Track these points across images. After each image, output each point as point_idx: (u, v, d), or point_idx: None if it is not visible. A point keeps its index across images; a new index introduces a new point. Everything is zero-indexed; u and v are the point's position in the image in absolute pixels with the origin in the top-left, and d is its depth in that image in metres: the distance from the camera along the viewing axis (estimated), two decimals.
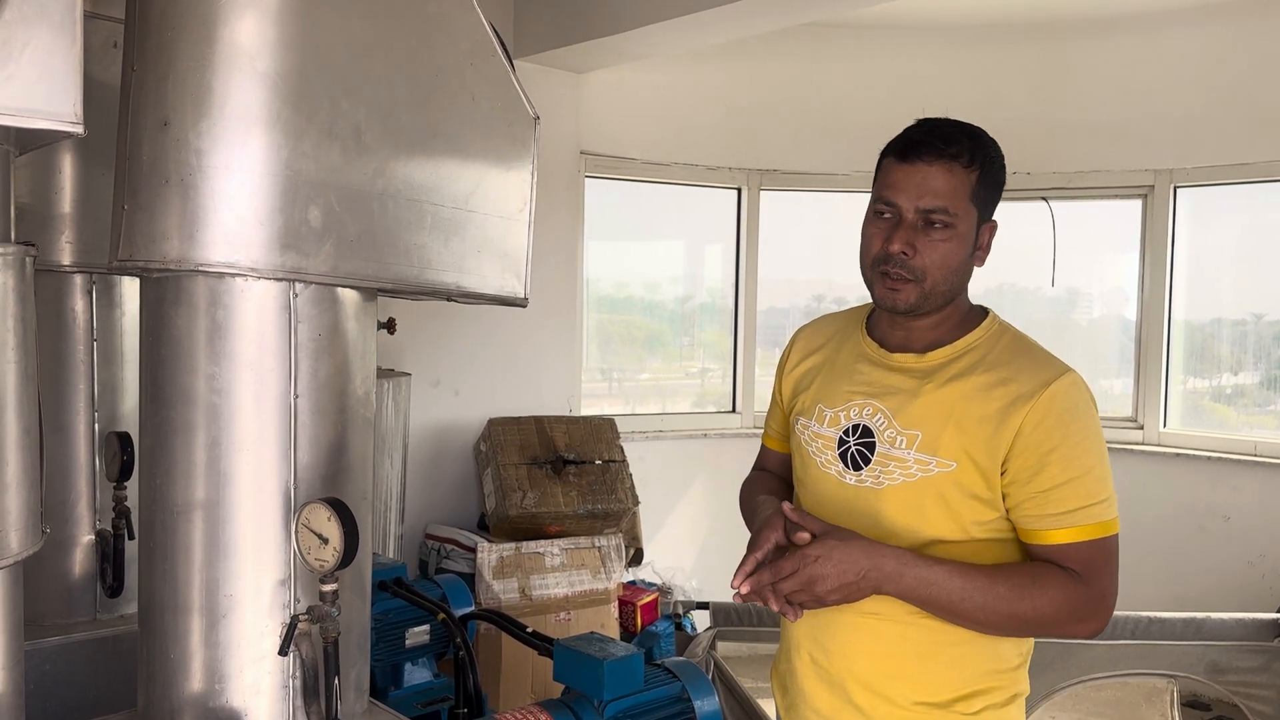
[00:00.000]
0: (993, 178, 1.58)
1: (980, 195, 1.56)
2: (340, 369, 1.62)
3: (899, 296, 1.55)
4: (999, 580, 1.48)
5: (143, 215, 1.49)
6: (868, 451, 1.59)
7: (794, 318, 5.42)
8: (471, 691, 2.10)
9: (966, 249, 1.57)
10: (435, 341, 4.16)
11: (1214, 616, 3.40)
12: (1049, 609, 1.48)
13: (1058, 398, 1.50)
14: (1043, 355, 1.59)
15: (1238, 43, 4.60)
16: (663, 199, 5.09)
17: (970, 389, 1.54)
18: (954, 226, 1.53)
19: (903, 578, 1.46)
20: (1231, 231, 4.97)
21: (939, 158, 1.52)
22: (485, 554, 3.70)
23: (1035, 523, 1.51)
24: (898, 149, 1.57)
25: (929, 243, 1.53)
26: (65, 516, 2.22)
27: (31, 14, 1.18)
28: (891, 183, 1.55)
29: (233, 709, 1.55)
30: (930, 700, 1.57)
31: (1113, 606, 1.52)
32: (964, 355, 1.59)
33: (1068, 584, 1.49)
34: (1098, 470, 1.51)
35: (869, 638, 1.59)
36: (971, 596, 1.46)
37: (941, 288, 1.56)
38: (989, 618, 1.49)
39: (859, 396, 1.64)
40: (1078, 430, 1.50)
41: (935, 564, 1.48)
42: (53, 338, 2.19)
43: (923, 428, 1.55)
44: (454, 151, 1.69)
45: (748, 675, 3.43)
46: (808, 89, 5.00)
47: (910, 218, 1.53)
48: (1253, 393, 4.98)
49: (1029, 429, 1.49)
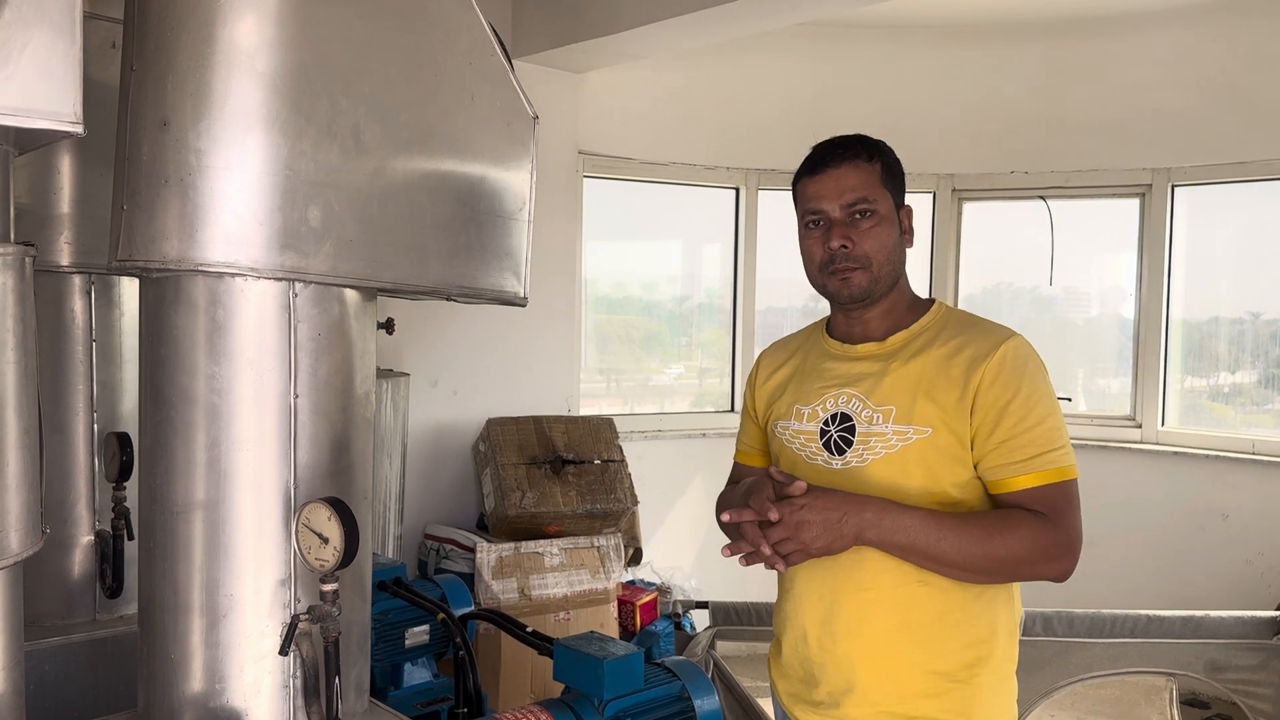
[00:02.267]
0: (891, 167, 1.74)
1: (888, 182, 1.72)
2: (340, 368, 1.62)
3: (853, 283, 1.70)
4: (972, 523, 1.58)
5: (142, 215, 1.49)
6: (849, 435, 1.70)
7: (792, 317, 5.42)
8: (471, 691, 2.10)
9: (894, 231, 1.72)
10: (434, 342, 4.16)
11: (1212, 614, 3.40)
12: (1021, 547, 1.57)
13: (1009, 355, 1.63)
14: (990, 324, 1.73)
15: (1235, 42, 4.60)
16: (661, 199, 5.09)
17: (932, 360, 1.68)
18: (877, 211, 1.69)
19: (881, 523, 1.57)
20: (1229, 230, 4.97)
21: (843, 160, 1.71)
22: (484, 554, 3.70)
23: (999, 472, 1.62)
24: (806, 168, 1.75)
25: (861, 232, 1.69)
26: (64, 517, 2.22)
27: (31, 15, 1.18)
28: (811, 195, 1.73)
29: (233, 709, 1.55)
30: (934, 669, 1.64)
31: (1079, 547, 1.61)
32: (920, 335, 1.73)
33: (1035, 524, 1.58)
34: (1051, 420, 1.62)
35: (871, 615, 1.66)
36: (946, 537, 1.56)
37: (886, 269, 1.71)
38: (965, 559, 1.57)
39: (832, 389, 1.75)
40: (1029, 383, 1.62)
41: (911, 510, 1.58)
42: (52, 338, 2.19)
43: (895, 401, 1.67)
44: (453, 151, 1.69)
45: (747, 674, 3.44)
46: (805, 88, 5.00)
47: (838, 216, 1.70)
48: (1250, 391, 4.98)
49: (986, 385, 1.62)
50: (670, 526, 4.90)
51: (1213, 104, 4.66)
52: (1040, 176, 5.03)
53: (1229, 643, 3.38)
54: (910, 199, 1.78)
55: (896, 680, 1.65)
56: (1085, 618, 3.37)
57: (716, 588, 4.28)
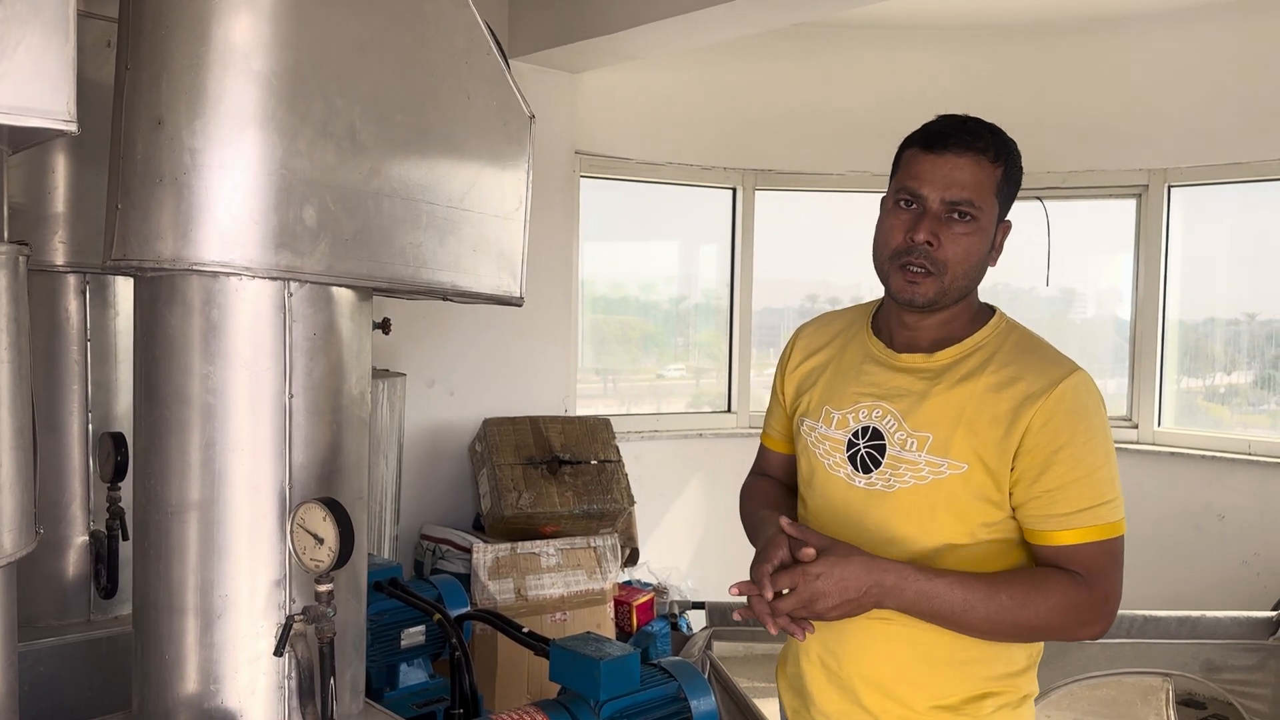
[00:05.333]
0: (1014, 175, 1.56)
1: (1003, 191, 1.54)
2: (335, 368, 1.61)
3: (918, 290, 1.52)
4: (1001, 589, 1.46)
5: (136, 214, 1.49)
6: (878, 454, 1.57)
7: (789, 318, 5.42)
8: (467, 692, 2.10)
9: (986, 244, 1.55)
10: (430, 342, 4.15)
11: (1209, 615, 3.41)
12: (1053, 615, 1.46)
13: (1066, 396, 1.48)
14: (1051, 354, 1.56)
15: (1232, 42, 4.61)
16: (657, 199, 5.09)
17: (980, 389, 1.52)
18: (978, 220, 1.51)
19: (904, 592, 1.44)
20: (1225, 231, 4.97)
21: (967, 150, 1.50)
22: (481, 554, 3.69)
23: (1041, 523, 1.49)
24: (923, 140, 1.53)
25: (952, 235, 1.50)
26: (59, 517, 2.21)
27: (25, 12, 1.18)
28: (916, 173, 1.52)
29: (228, 710, 1.54)
30: (942, 703, 1.56)
31: (1116, 608, 1.50)
32: (973, 354, 1.57)
33: (1071, 588, 1.47)
34: (1104, 470, 1.49)
35: (880, 642, 1.57)
36: (975, 608, 1.44)
37: (960, 283, 1.53)
38: (994, 627, 1.47)
39: (867, 398, 1.61)
40: (1085, 429, 1.48)
41: (936, 576, 1.45)
42: (46, 338, 2.18)
43: (934, 430, 1.53)
44: (449, 150, 1.69)
45: (744, 675, 3.43)
46: (802, 89, 5.00)
47: (935, 208, 1.50)
48: (1246, 392, 4.99)
49: (1037, 427, 1.47)
50: (667, 527, 4.90)
51: (1209, 105, 4.67)
52: (1036, 177, 5.01)
53: (1225, 643, 3.39)
54: None
55: (899, 709, 1.57)
56: None
57: (713, 588, 4.28)
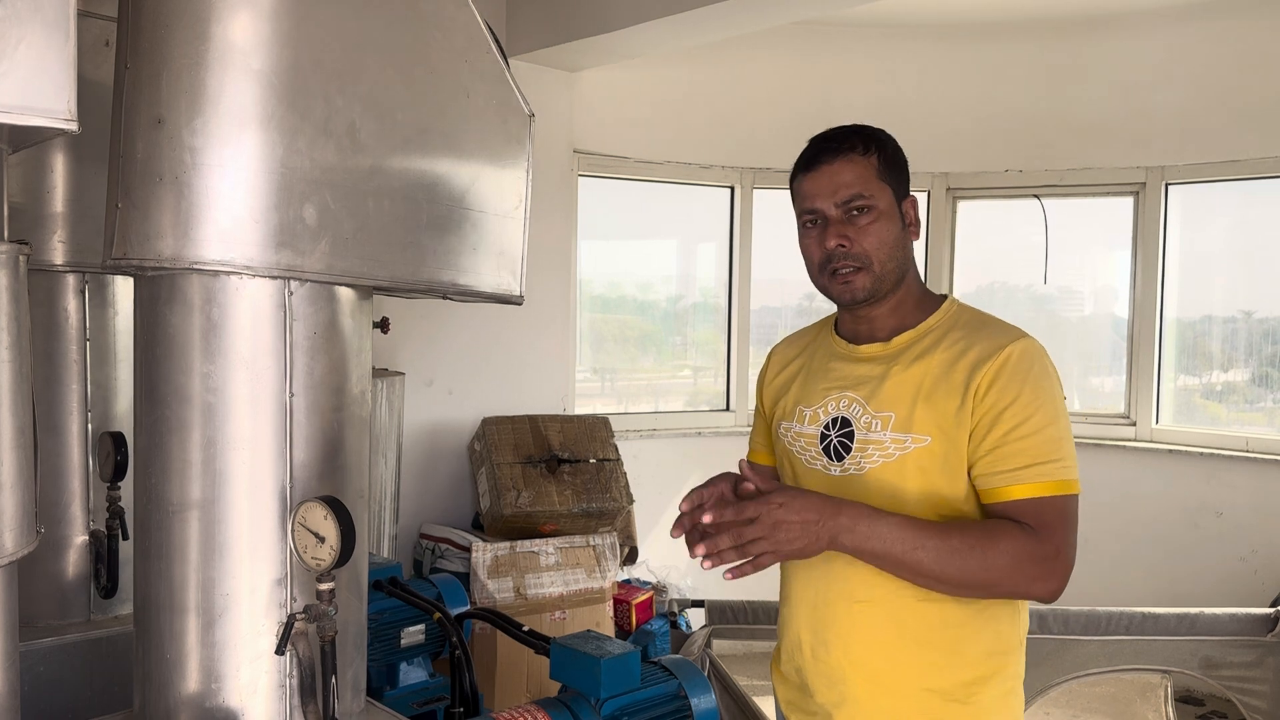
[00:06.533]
0: (891, 157, 1.67)
1: (888, 174, 1.65)
2: (336, 367, 1.61)
3: (855, 286, 1.63)
4: (953, 534, 1.50)
5: (136, 213, 1.48)
6: (848, 441, 1.65)
7: (787, 317, 5.43)
8: (467, 690, 2.10)
9: (895, 225, 1.65)
10: (429, 341, 4.15)
11: (1207, 612, 3.41)
12: (1002, 561, 1.48)
13: (1012, 358, 1.55)
14: (1001, 326, 1.65)
15: (1228, 40, 4.61)
16: (655, 198, 5.09)
17: (935, 365, 1.61)
18: (875, 207, 1.63)
19: (855, 528, 1.48)
20: (1222, 229, 4.99)
21: (836, 155, 1.64)
22: (480, 553, 3.69)
23: (990, 480, 1.54)
24: (800, 165, 1.69)
25: (859, 230, 1.62)
26: (59, 517, 2.21)
27: (25, 12, 1.18)
28: (805, 193, 1.67)
29: (229, 709, 1.54)
30: (931, 686, 1.59)
31: (1068, 567, 1.51)
32: (926, 335, 1.66)
33: (1020, 538, 1.49)
34: (1052, 429, 1.53)
35: (863, 626, 1.61)
36: (923, 546, 1.48)
37: (889, 265, 1.64)
38: (943, 572, 1.49)
39: (834, 391, 1.70)
40: (1031, 389, 1.54)
41: (888, 517, 1.50)
42: (46, 337, 2.18)
43: (895, 408, 1.61)
44: (449, 149, 1.69)
45: (743, 673, 3.44)
46: (800, 87, 5.00)
47: (834, 214, 1.63)
48: (1244, 389, 5.00)
49: (985, 388, 1.55)
50: (666, 525, 4.87)
51: (1206, 103, 4.68)
52: (1034, 175, 5.04)
53: (1223, 640, 3.39)
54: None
55: (890, 696, 1.60)
56: (1080, 615, 3.37)
57: (712, 586, 4.28)
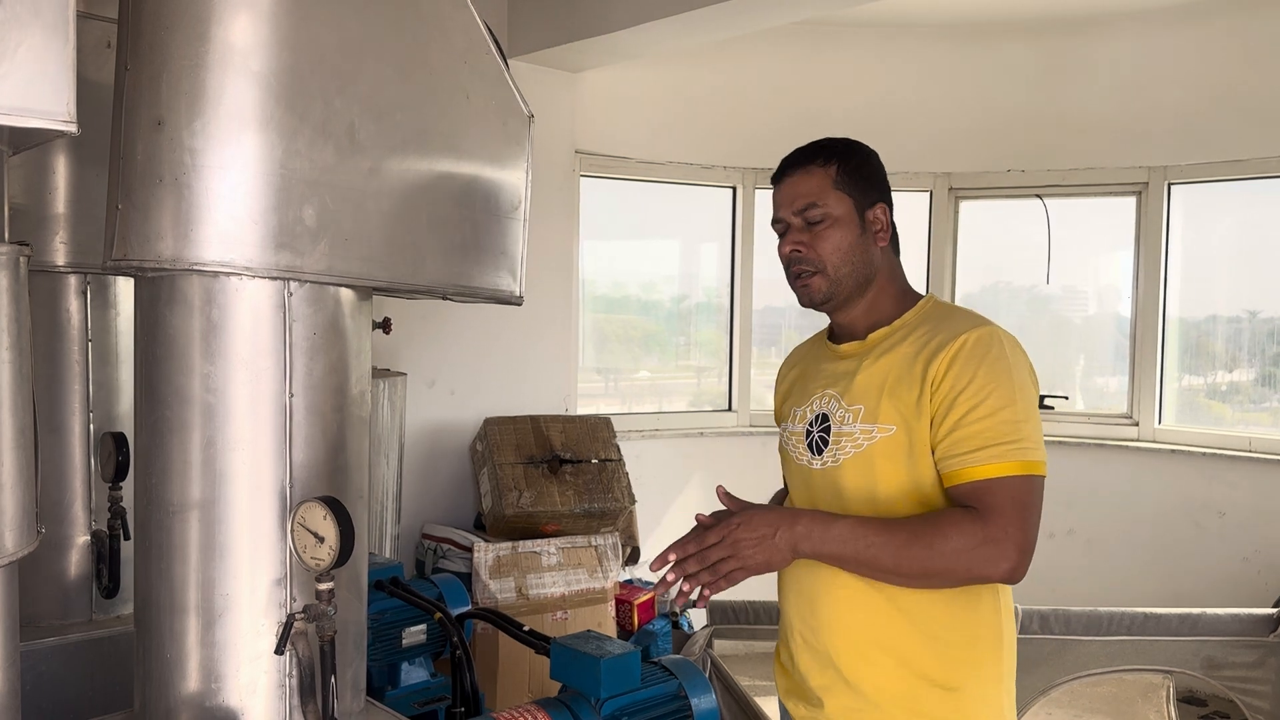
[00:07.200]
0: (854, 166, 1.73)
1: (845, 183, 1.72)
2: (335, 368, 1.62)
3: (811, 289, 1.73)
4: (899, 529, 1.53)
5: (137, 215, 1.49)
6: (827, 436, 1.72)
7: (789, 317, 5.42)
8: (468, 690, 2.10)
9: (853, 232, 1.71)
10: (431, 341, 4.16)
11: (1209, 612, 3.40)
12: (949, 548, 1.50)
13: (968, 344, 1.59)
14: (967, 316, 1.68)
15: (1232, 40, 4.60)
16: (658, 198, 5.09)
17: (899, 357, 1.66)
18: (830, 215, 1.71)
19: (811, 534, 1.55)
20: (1225, 228, 4.98)
21: (796, 168, 1.75)
22: (482, 553, 3.69)
23: (947, 464, 1.57)
24: (772, 179, 1.82)
25: (814, 236, 1.71)
26: (60, 517, 2.22)
27: (24, 14, 1.18)
28: (774, 203, 1.80)
29: (229, 708, 1.55)
30: (916, 671, 1.62)
31: (1022, 549, 1.50)
32: (898, 331, 1.72)
33: (964, 523, 1.50)
34: (1007, 412, 1.54)
35: (844, 608, 1.66)
36: (875, 543, 1.53)
37: (845, 269, 1.71)
38: (898, 566, 1.53)
39: (818, 390, 1.79)
40: (987, 372, 1.56)
41: (841, 519, 1.56)
42: (47, 338, 2.19)
43: (864, 400, 1.68)
44: (449, 150, 1.69)
45: (745, 673, 3.44)
46: (801, 87, 5.00)
47: (794, 222, 1.74)
48: (1247, 389, 4.99)
49: (940, 374, 1.59)
50: (668, 526, 4.90)
51: (1209, 102, 4.67)
52: (1037, 175, 5.04)
53: (1226, 640, 3.38)
54: (907, 197, 1.78)
55: (875, 680, 1.64)
56: (1082, 615, 3.37)
57: None
